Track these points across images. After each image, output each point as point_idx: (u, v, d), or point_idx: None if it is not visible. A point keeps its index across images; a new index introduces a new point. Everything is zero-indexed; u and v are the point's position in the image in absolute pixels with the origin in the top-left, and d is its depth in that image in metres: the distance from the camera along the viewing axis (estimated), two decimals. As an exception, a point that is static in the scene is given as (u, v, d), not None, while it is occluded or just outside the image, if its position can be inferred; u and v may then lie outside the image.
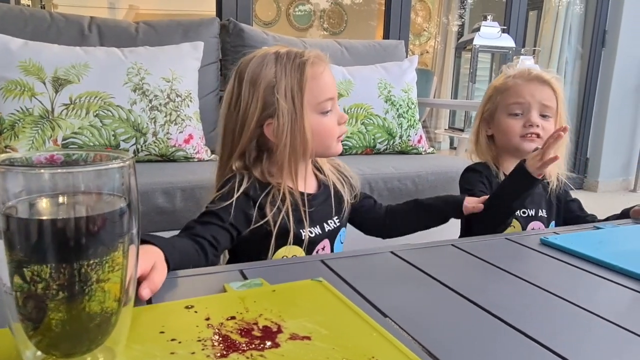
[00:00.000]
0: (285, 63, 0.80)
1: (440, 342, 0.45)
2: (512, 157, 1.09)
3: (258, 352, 0.40)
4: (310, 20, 5.07)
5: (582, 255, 0.70)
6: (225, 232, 0.75)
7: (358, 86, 1.73)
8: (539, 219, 1.07)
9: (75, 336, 0.35)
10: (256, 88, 0.79)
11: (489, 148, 1.14)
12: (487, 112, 1.13)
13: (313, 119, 0.81)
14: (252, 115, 0.79)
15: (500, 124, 1.10)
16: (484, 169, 1.09)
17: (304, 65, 0.80)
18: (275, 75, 0.78)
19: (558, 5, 3.60)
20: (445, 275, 0.61)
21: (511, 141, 1.07)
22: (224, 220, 0.75)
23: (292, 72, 0.79)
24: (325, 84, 0.82)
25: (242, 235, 0.79)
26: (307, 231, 0.83)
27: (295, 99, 0.79)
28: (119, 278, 0.36)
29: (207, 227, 0.74)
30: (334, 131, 0.84)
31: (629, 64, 3.45)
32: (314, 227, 0.84)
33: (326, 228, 0.87)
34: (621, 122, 3.53)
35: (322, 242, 0.86)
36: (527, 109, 1.06)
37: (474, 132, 1.16)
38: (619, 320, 0.51)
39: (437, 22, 5.25)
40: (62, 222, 0.33)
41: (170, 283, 0.54)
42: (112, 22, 1.66)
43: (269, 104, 0.79)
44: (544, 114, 1.06)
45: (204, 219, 0.76)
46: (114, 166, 0.35)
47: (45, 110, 1.31)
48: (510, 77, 1.09)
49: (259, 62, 0.80)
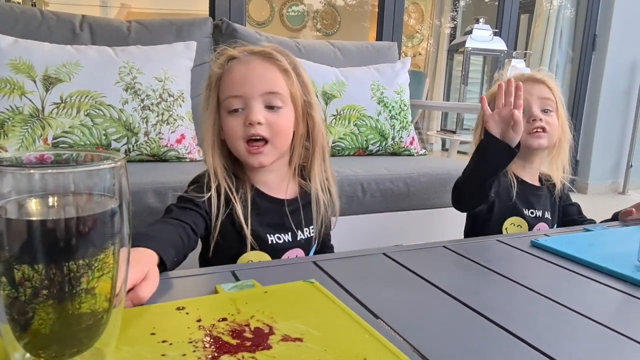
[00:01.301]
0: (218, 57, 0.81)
1: (431, 343, 0.45)
2: (521, 159, 1.08)
3: (249, 354, 0.40)
4: (304, 20, 5.07)
5: (572, 257, 0.71)
6: (202, 218, 0.75)
7: (351, 87, 1.73)
8: (545, 221, 1.09)
9: (64, 338, 0.35)
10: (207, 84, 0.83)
11: None
12: None
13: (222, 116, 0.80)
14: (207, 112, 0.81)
15: None
16: None
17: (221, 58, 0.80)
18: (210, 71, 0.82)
19: (549, 9, 3.64)
20: (436, 276, 0.61)
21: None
22: (199, 207, 0.75)
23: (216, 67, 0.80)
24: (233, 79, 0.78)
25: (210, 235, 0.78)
26: (276, 237, 0.81)
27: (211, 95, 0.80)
28: (110, 279, 0.36)
29: (187, 213, 0.74)
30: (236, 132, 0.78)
31: (618, 68, 3.49)
32: (284, 233, 0.82)
33: (299, 236, 0.84)
34: (610, 125, 3.56)
35: (292, 251, 0.83)
36: (527, 107, 1.06)
37: (477, 136, 1.16)
38: (607, 321, 0.51)
39: (429, 24, 5.27)
40: (52, 223, 0.33)
41: (162, 284, 0.54)
42: (104, 21, 1.65)
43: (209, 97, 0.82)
44: (544, 108, 1.07)
45: (183, 204, 0.75)
46: (105, 166, 0.35)
47: (36, 109, 1.30)
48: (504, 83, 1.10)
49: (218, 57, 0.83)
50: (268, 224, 0.81)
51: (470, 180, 0.98)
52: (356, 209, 1.42)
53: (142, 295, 0.49)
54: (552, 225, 1.10)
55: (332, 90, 1.69)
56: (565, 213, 1.15)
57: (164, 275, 0.57)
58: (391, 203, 1.48)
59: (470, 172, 0.99)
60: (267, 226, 0.80)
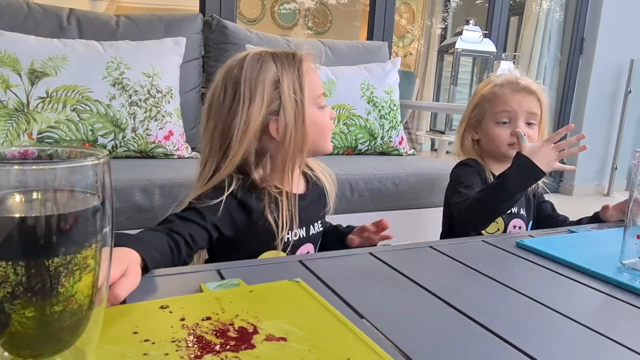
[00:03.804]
0: (283, 59, 0.79)
1: (416, 343, 0.45)
2: (497, 161, 1.14)
3: (233, 354, 0.40)
4: (295, 18, 5.06)
5: (556, 258, 0.72)
6: (204, 231, 0.74)
7: (341, 87, 1.73)
8: (520, 217, 1.11)
9: (44, 337, 0.34)
10: (258, 85, 0.77)
11: (474, 151, 1.17)
12: (474, 119, 1.17)
13: (313, 112, 0.80)
14: (256, 114, 0.77)
15: (488, 132, 1.13)
16: (475, 165, 1.13)
17: (301, 61, 0.80)
18: (277, 70, 0.78)
19: (539, 12, 3.67)
20: (422, 277, 0.62)
21: (500, 149, 1.12)
22: (205, 219, 0.73)
23: (291, 68, 0.79)
24: (318, 80, 0.84)
25: (225, 238, 0.77)
26: (293, 233, 0.81)
27: (297, 93, 0.78)
28: (91, 278, 0.35)
29: (187, 225, 0.71)
30: (330, 125, 0.85)
31: (605, 71, 3.54)
32: (300, 229, 0.83)
33: (311, 231, 0.85)
34: (597, 128, 3.61)
35: (305, 246, 0.84)
36: (514, 118, 1.10)
37: (460, 136, 1.19)
38: (590, 322, 0.52)
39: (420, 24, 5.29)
40: (32, 220, 0.32)
41: (145, 282, 0.54)
42: (92, 15, 1.63)
43: (273, 100, 0.78)
44: (529, 121, 1.11)
45: (186, 214, 0.73)
46: (88, 163, 0.34)
47: (21, 103, 1.28)
48: (498, 86, 1.13)
49: (255, 60, 0.79)
50: (286, 220, 0.80)
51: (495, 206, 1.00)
52: (344, 209, 1.42)
53: (117, 293, 0.47)
54: (527, 222, 1.12)
55: (322, 89, 1.69)
56: (540, 210, 1.18)
57: (148, 273, 0.57)
58: (379, 203, 1.48)
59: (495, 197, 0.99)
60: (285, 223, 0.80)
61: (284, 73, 0.78)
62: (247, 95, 0.77)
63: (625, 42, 3.49)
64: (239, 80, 0.77)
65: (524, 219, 1.11)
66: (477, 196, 1.01)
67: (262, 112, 0.77)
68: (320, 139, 0.83)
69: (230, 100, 0.78)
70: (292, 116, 0.77)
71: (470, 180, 1.08)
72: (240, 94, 0.77)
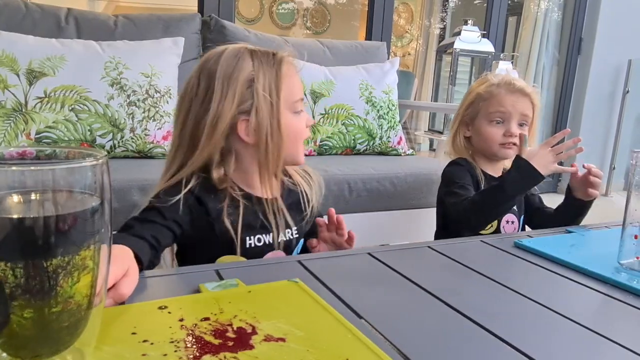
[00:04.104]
0: (261, 58, 0.76)
1: (414, 343, 0.45)
2: (487, 159, 1.17)
3: (231, 354, 0.40)
4: (294, 18, 5.06)
5: (554, 258, 0.72)
6: (167, 230, 0.71)
7: (339, 87, 1.73)
8: (512, 212, 1.14)
9: (42, 338, 0.34)
10: (232, 82, 0.74)
11: (466, 149, 1.20)
12: (467, 116, 1.18)
13: (286, 117, 0.77)
14: (226, 111, 0.73)
15: (481, 130, 1.15)
16: (465, 163, 1.15)
17: (281, 62, 0.77)
18: (253, 69, 0.75)
19: (537, 12, 3.67)
20: (420, 277, 0.62)
21: (491, 148, 1.14)
22: (166, 218, 0.71)
23: (269, 68, 0.75)
24: (298, 83, 0.80)
25: (187, 237, 0.75)
26: (256, 239, 0.78)
27: (273, 94, 0.75)
28: (90, 278, 0.35)
29: (148, 226, 0.69)
30: (304, 133, 0.81)
31: (603, 71, 3.54)
32: (266, 235, 0.79)
33: (281, 238, 0.81)
34: (595, 127, 3.62)
35: (273, 253, 0.81)
36: (507, 119, 1.12)
37: (452, 132, 1.20)
38: (588, 322, 0.52)
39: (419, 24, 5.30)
40: (31, 221, 0.32)
41: (144, 283, 0.54)
42: (90, 15, 1.63)
43: (245, 99, 0.74)
44: (521, 123, 1.13)
45: (145, 215, 0.71)
46: (86, 164, 0.34)
47: (19, 103, 1.28)
48: (494, 86, 1.15)
49: (232, 55, 0.75)
50: (248, 224, 0.77)
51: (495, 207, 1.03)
52: (342, 208, 1.42)
53: (123, 292, 0.48)
54: (519, 216, 1.15)
55: (321, 89, 1.69)
56: (529, 203, 1.20)
57: (147, 273, 0.57)
58: (378, 202, 1.48)
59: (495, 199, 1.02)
60: (246, 227, 0.77)
61: (260, 72, 0.75)
62: (220, 91, 0.73)
63: (623, 42, 3.50)
64: (214, 75, 0.74)
65: (516, 213, 1.14)
66: (476, 198, 1.02)
67: (232, 109, 0.74)
68: (292, 147, 0.79)
69: (203, 94, 0.75)
70: (265, 118, 0.74)
71: (462, 180, 1.10)
72: (214, 89, 0.74)
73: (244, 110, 0.75)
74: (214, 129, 0.74)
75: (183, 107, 0.77)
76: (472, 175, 1.13)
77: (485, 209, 1.01)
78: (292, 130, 0.78)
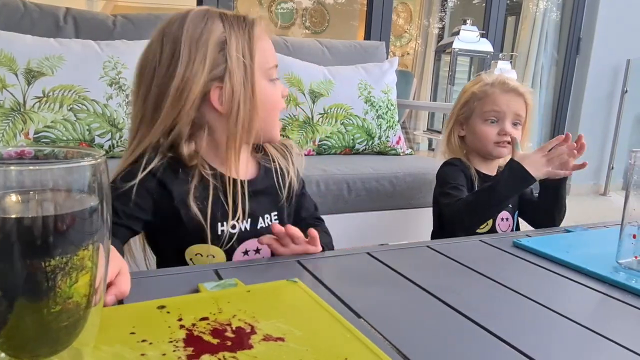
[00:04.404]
0: (232, 20, 0.69)
1: (413, 343, 0.45)
2: (482, 158, 1.18)
3: (230, 354, 0.40)
4: (293, 18, 5.06)
5: (553, 257, 0.72)
6: (123, 228, 0.66)
7: (338, 86, 1.73)
8: (507, 209, 1.15)
9: (41, 338, 0.34)
10: (200, 45, 0.67)
11: (460, 148, 1.21)
12: (462, 116, 1.19)
13: (263, 85, 0.70)
14: (196, 77, 0.66)
15: (475, 129, 1.16)
16: (459, 163, 1.16)
17: (252, 24, 0.70)
18: (224, 30, 0.68)
19: (535, 11, 3.68)
20: (419, 276, 0.62)
21: (486, 146, 1.15)
22: (119, 216, 0.65)
23: (241, 30, 0.69)
24: (271, 49, 0.73)
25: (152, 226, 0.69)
26: (230, 225, 0.71)
27: (247, 57, 0.68)
28: (88, 278, 0.35)
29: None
30: (280, 103, 0.74)
31: (601, 71, 3.55)
32: (242, 221, 0.72)
33: (260, 224, 0.74)
34: (593, 127, 3.62)
35: (251, 241, 0.74)
36: (502, 118, 1.14)
37: (447, 132, 1.21)
38: (587, 321, 0.52)
39: (418, 24, 5.30)
40: (29, 221, 0.32)
41: (143, 283, 0.54)
42: (88, 14, 1.62)
43: (217, 63, 0.68)
44: (515, 122, 1.15)
45: None
46: (85, 163, 0.34)
47: (17, 102, 1.28)
48: (488, 85, 1.16)
49: (199, 17, 0.68)
50: (219, 209, 0.70)
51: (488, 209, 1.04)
52: (342, 208, 1.43)
53: (125, 289, 0.48)
54: (513, 212, 1.16)
55: (320, 88, 1.69)
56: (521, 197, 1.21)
57: (145, 273, 0.57)
58: (377, 202, 1.48)
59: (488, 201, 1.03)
60: (218, 213, 0.70)
61: (232, 34, 0.68)
62: (186, 56, 0.66)
63: (622, 42, 3.51)
64: (179, 39, 0.67)
65: (510, 210, 1.16)
66: (469, 199, 1.04)
67: (203, 76, 0.67)
68: (268, 118, 0.72)
69: (167, 60, 0.67)
70: (239, 83, 0.67)
71: (456, 180, 1.11)
72: (180, 54, 0.67)
73: (217, 76, 0.68)
74: (180, 95, 0.67)
75: (144, 78, 0.70)
76: (466, 174, 1.14)
77: (478, 209, 1.03)
78: (268, 98, 0.71)
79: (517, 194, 1.09)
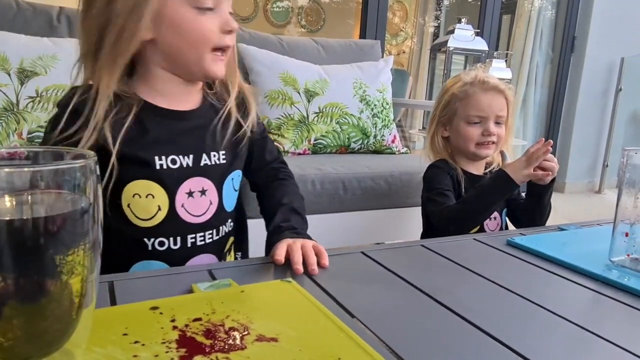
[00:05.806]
0: None
1: (406, 342, 0.45)
2: (467, 158, 1.18)
3: (223, 354, 0.40)
4: (288, 17, 5.05)
5: (546, 256, 0.72)
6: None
7: (333, 85, 1.73)
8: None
9: (32, 340, 0.34)
10: None
11: (445, 148, 1.21)
12: (444, 117, 1.20)
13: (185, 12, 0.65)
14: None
15: (459, 131, 1.16)
16: (445, 165, 1.16)
17: None
18: None
19: (530, 10, 3.69)
20: (413, 275, 0.62)
21: (469, 147, 1.15)
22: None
23: None
24: None
25: None
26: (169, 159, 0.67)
27: None
28: (80, 279, 0.35)
29: None
30: (212, 37, 0.67)
31: (596, 69, 3.56)
32: (183, 156, 0.68)
33: (203, 161, 0.70)
34: (588, 125, 3.64)
35: (196, 180, 0.69)
36: (485, 119, 1.14)
37: (430, 133, 1.22)
38: (580, 320, 0.53)
39: (413, 22, 5.30)
40: (20, 222, 0.32)
41: (136, 283, 0.53)
42: (82, 13, 1.61)
43: None
44: (497, 121, 1.15)
45: None
46: (76, 164, 0.34)
47: (10, 102, 1.27)
48: (468, 85, 1.16)
49: None
50: (155, 141, 0.66)
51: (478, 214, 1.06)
52: (337, 207, 1.43)
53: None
54: (501, 209, 1.16)
55: (315, 87, 1.69)
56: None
57: (138, 274, 0.57)
58: (372, 201, 1.48)
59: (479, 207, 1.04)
60: (154, 145, 0.66)
61: None
62: None
63: (616, 40, 3.52)
64: None
65: (499, 210, 1.16)
66: (456, 207, 1.05)
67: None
68: (195, 50, 0.66)
69: None
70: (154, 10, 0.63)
71: (441, 184, 1.11)
72: None
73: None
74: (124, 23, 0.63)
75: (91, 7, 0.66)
76: (452, 176, 1.14)
77: (465, 216, 1.04)
78: (191, 27, 0.65)
79: (502, 200, 1.09)
